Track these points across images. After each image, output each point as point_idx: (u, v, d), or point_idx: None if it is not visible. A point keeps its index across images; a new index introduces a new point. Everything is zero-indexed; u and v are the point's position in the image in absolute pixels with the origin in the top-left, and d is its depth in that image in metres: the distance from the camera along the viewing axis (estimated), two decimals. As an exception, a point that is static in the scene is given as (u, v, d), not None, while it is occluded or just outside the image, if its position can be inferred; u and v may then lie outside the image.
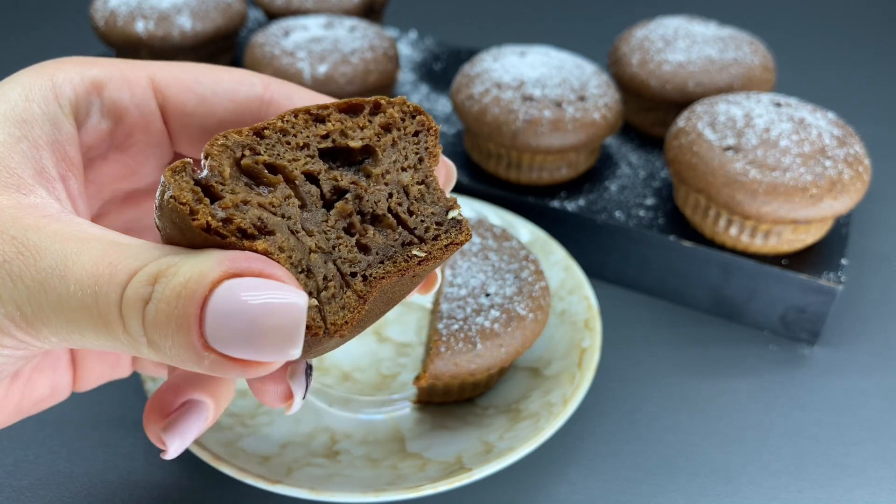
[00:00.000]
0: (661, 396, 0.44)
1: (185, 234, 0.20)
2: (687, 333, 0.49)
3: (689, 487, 0.39)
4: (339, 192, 0.23)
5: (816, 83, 0.80)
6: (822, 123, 0.47)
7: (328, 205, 0.22)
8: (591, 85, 0.53)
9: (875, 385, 0.45)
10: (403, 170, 0.24)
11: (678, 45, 0.57)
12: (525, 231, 0.49)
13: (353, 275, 0.22)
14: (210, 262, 0.19)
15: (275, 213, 0.21)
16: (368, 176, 0.23)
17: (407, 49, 0.74)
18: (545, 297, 0.40)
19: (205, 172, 0.20)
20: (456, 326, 0.38)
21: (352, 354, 0.43)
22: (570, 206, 0.52)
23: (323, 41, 0.57)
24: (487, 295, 0.39)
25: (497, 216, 0.50)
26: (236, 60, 0.70)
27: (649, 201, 0.53)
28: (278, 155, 0.22)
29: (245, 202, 0.20)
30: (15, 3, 0.96)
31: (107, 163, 0.27)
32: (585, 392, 0.38)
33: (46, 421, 0.40)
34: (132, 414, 0.41)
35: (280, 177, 0.22)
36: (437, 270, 0.28)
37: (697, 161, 0.46)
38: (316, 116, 0.23)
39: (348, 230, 0.22)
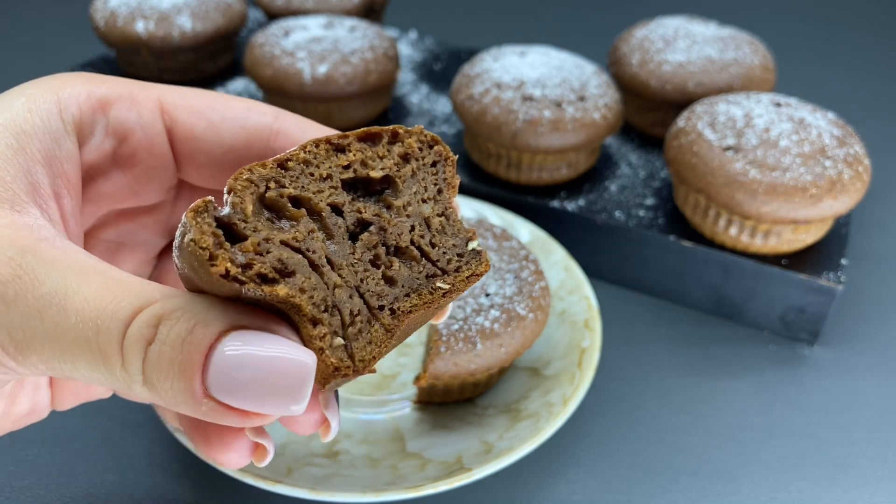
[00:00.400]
0: (661, 396, 0.44)
1: (203, 277, 0.20)
2: (687, 333, 0.49)
3: (689, 487, 0.39)
4: (363, 224, 0.22)
5: (816, 83, 0.80)
6: (821, 123, 0.47)
7: (352, 237, 0.22)
8: (591, 85, 0.53)
9: (875, 385, 0.45)
10: (424, 201, 0.24)
11: (678, 45, 0.57)
12: (525, 231, 0.49)
13: (381, 308, 0.22)
14: (216, 311, 0.19)
15: (298, 249, 0.21)
16: (389, 207, 0.23)
17: (407, 49, 0.74)
18: (545, 296, 0.40)
19: (227, 209, 0.20)
20: (456, 326, 0.38)
21: (352, 354, 0.43)
22: (570, 206, 0.52)
23: (323, 41, 0.57)
24: (487, 295, 0.39)
25: (497, 216, 0.50)
26: (236, 60, 0.70)
27: (649, 201, 0.53)
28: (303, 187, 0.21)
29: (268, 240, 0.20)
30: (15, 3, 0.96)
31: (108, 181, 0.27)
32: (585, 392, 0.38)
33: (46, 421, 0.40)
34: (132, 414, 0.41)
35: (303, 210, 0.21)
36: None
37: (697, 161, 0.46)
38: (337, 146, 0.22)
39: (374, 262, 0.22)
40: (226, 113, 0.26)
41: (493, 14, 0.99)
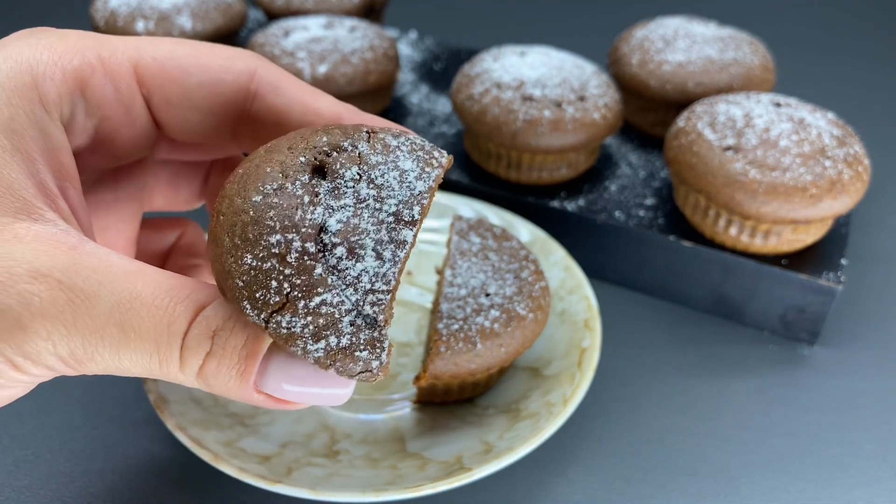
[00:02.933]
0: (661, 396, 0.44)
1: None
2: (687, 333, 0.49)
3: (689, 487, 0.39)
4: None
5: (816, 83, 0.80)
6: (821, 123, 0.47)
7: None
8: (591, 85, 0.53)
9: (875, 385, 0.45)
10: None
11: (678, 45, 0.57)
12: (525, 231, 0.49)
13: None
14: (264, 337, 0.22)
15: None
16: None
17: (407, 49, 0.74)
18: (545, 296, 0.40)
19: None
20: (456, 326, 0.38)
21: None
22: (570, 206, 0.52)
23: (323, 41, 0.57)
24: (487, 295, 0.39)
25: (497, 216, 0.50)
26: (236, 60, 0.70)
27: (649, 201, 0.53)
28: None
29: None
30: (15, 3, 0.96)
31: (93, 156, 0.26)
32: (585, 392, 0.38)
33: (46, 421, 0.40)
34: (132, 414, 0.41)
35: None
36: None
37: (697, 161, 0.46)
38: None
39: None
40: (201, 77, 0.26)
41: (493, 14, 0.99)
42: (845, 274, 0.47)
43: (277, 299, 0.20)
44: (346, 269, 0.21)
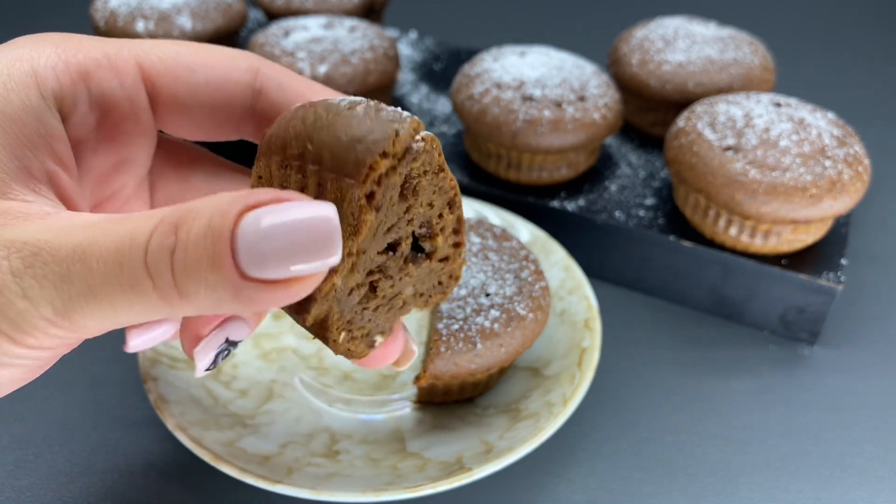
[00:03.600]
0: (661, 396, 0.44)
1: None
2: (687, 333, 0.49)
3: (689, 487, 0.39)
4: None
5: (816, 83, 0.80)
6: (821, 123, 0.47)
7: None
8: (591, 85, 0.53)
9: (875, 385, 0.45)
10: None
11: (678, 46, 0.57)
12: (525, 231, 0.49)
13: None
14: (227, 199, 0.19)
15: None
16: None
17: (407, 49, 0.74)
18: (545, 296, 0.40)
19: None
20: (456, 326, 0.38)
21: (352, 354, 0.44)
22: (570, 206, 0.52)
23: (323, 41, 0.57)
24: (487, 295, 0.39)
25: (497, 216, 0.50)
26: (236, 60, 0.70)
27: (649, 201, 0.53)
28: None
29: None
30: (15, 3, 0.96)
31: (96, 155, 0.26)
32: (585, 392, 0.38)
33: (47, 421, 0.40)
34: (132, 414, 0.41)
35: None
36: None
37: (697, 161, 0.46)
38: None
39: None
40: (208, 76, 0.26)
41: (493, 14, 0.99)
42: (845, 274, 0.47)
43: None
44: None
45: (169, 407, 0.36)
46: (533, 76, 0.52)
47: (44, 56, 0.23)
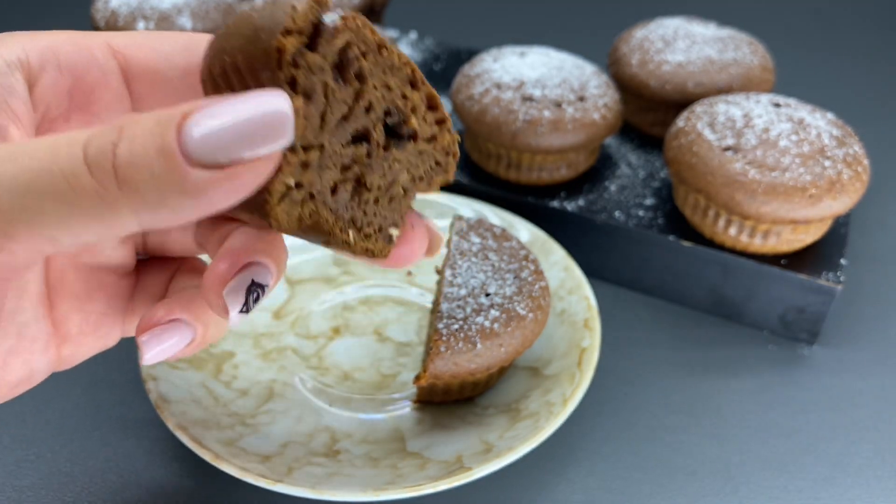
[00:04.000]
0: (661, 396, 0.44)
1: (248, 48, 0.20)
2: (686, 333, 0.49)
3: (688, 486, 0.39)
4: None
5: (816, 84, 0.80)
6: (821, 124, 0.47)
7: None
8: (591, 85, 0.53)
9: (874, 384, 0.45)
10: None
11: (678, 46, 0.57)
12: (525, 231, 0.49)
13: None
14: (176, 107, 0.18)
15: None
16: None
17: (407, 49, 0.74)
18: (545, 296, 0.40)
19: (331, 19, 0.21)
20: (456, 326, 0.38)
21: (352, 354, 0.44)
22: (570, 206, 0.52)
23: (323, 41, 0.58)
24: (487, 295, 0.39)
25: (497, 216, 0.50)
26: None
27: (649, 201, 0.53)
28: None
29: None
30: (15, 3, 0.96)
31: (69, 124, 0.26)
32: (585, 391, 0.38)
33: (47, 421, 0.40)
34: (132, 414, 0.41)
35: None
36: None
37: (697, 161, 0.47)
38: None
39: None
40: (174, 44, 0.27)
41: (493, 15, 0.99)
42: (845, 274, 0.47)
43: None
44: None
45: (170, 407, 0.36)
46: (533, 76, 0.52)
47: (12, 35, 0.24)
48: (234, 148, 0.18)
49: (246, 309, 0.25)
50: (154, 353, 0.25)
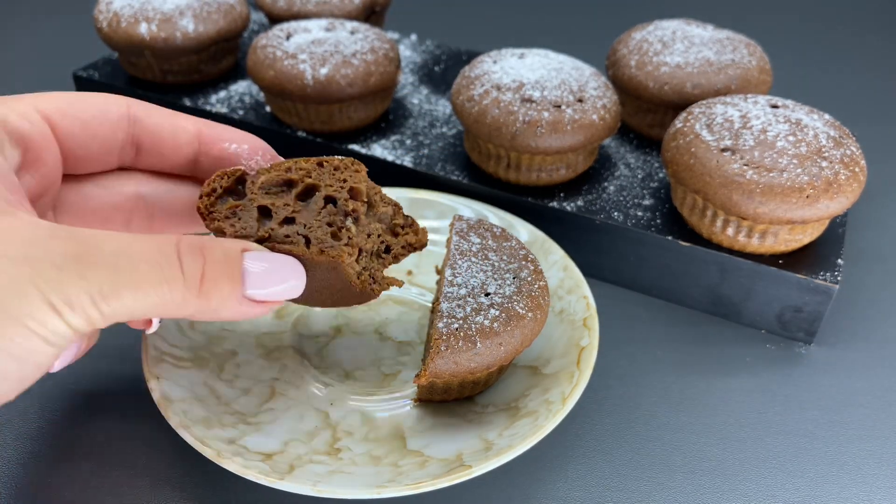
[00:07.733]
0: (659, 395, 0.44)
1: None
2: (684, 332, 0.49)
3: (686, 485, 0.39)
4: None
5: (813, 85, 0.80)
6: (818, 125, 0.47)
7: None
8: (590, 87, 0.53)
9: (871, 383, 0.46)
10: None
11: (676, 48, 0.58)
12: (524, 231, 0.49)
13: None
14: (230, 242, 0.29)
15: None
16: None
17: (407, 51, 0.74)
18: (544, 296, 0.41)
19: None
20: (456, 325, 0.38)
21: (353, 353, 0.44)
22: (569, 206, 0.52)
23: (324, 43, 0.58)
24: (487, 294, 0.39)
25: (496, 216, 0.50)
26: (239, 63, 0.71)
27: (647, 202, 0.53)
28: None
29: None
30: (17, 4, 0.96)
31: (25, 185, 0.30)
32: (583, 390, 0.39)
33: (47, 420, 0.41)
34: (133, 413, 0.41)
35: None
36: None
37: (695, 162, 0.47)
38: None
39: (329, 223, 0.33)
40: (94, 110, 0.32)
41: (493, 17, 0.99)
42: (842, 273, 0.47)
43: None
44: None
45: (172, 405, 0.36)
46: (532, 78, 0.53)
47: None
48: (272, 291, 0.30)
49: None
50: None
